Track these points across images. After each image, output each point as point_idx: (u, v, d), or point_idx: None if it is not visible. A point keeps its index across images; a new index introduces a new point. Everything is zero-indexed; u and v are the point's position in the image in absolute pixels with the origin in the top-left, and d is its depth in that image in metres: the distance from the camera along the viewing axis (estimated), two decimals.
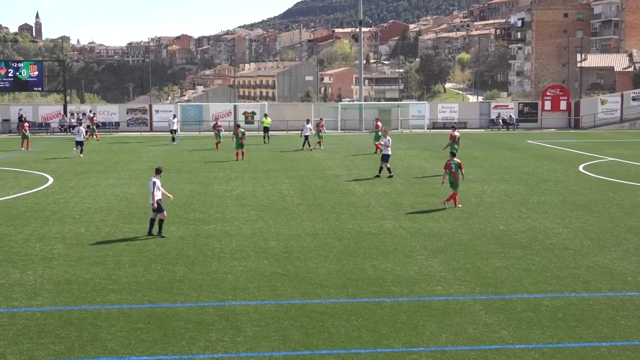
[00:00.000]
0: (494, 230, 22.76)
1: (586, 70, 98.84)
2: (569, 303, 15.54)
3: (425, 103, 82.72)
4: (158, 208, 21.61)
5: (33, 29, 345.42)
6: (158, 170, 22.21)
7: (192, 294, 16.19)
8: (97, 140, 58.31)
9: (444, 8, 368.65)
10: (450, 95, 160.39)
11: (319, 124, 53.08)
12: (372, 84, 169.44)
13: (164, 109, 73.33)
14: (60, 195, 30.03)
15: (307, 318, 14.57)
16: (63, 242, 21.35)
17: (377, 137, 43.82)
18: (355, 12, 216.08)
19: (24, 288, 16.69)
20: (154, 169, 22.53)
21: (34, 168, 38.57)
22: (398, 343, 13.31)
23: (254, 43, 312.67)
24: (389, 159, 35.26)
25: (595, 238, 21.72)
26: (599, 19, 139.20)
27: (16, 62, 77.59)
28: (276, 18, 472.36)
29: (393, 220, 24.45)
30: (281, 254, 19.78)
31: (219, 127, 53.29)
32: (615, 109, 72.24)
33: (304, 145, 49.58)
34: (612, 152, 46.59)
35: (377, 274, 17.80)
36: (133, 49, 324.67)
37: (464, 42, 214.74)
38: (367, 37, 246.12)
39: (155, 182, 21.55)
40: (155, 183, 21.53)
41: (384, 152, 35.28)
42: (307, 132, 49.99)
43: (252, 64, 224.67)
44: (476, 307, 15.25)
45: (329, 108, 75.30)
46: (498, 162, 40.44)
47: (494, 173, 36.12)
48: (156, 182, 21.55)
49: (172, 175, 35.90)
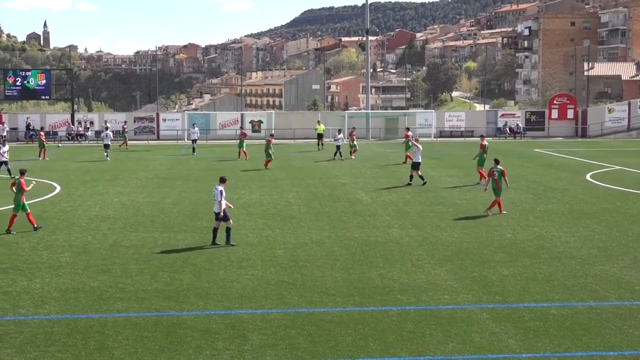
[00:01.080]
0: (501, 239, 22.71)
1: (593, 79, 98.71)
2: (577, 312, 15.50)
3: (432, 112, 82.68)
4: (224, 217, 21.69)
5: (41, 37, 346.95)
6: (223, 179, 22.36)
7: (199, 302, 16.19)
8: (125, 148, 57.79)
9: (450, 17, 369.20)
10: (457, 104, 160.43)
11: (352, 133, 51.86)
12: (379, 92, 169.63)
13: (171, 118, 73.44)
14: (67, 203, 30.09)
15: (314, 326, 14.55)
16: (70, 250, 21.38)
17: (408, 146, 43.48)
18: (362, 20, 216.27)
19: (31, 296, 16.71)
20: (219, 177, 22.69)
21: (42, 176, 38.61)
22: (405, 352, 13.28)
23: (261, 52, 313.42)
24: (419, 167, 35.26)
25: (602, 247, 21.66)
26: (606, 28, 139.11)
27: (24, 70, 77.87)
28: (283, 27, 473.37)
29: (400, 228, 24.42)
30: (288, 263, 19.77)
31: (243, 134, 51.83)
32: (622, 118, 72.10)
33: (335, 155, 48.12)
34: (620, 161, 46.49)
35: (383, 282, 17.77)
36: (140, 57, 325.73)
37: (471, 50, 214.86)
38: (374, 45, 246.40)
39: (222, 190, 21.69)
40: (222, 192, 21.67)
41: (415, 160, 35.18)
42: (339, 142, 48.50)
43: (259, 72, 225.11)
44: (483, 316, 15.21)
45: (335, 116, 75.30)
46: (505, 171, 40.28)
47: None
48: (222, 191, 21.68)
49: (179, 184, 35.95)
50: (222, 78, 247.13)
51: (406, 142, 44.99)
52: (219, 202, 21.57)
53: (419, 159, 35.05)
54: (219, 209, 21.59)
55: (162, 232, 23.84)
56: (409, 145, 43.28)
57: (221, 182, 22.14)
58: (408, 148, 43.44)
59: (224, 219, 21.73)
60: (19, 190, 24.10)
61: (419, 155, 35.08)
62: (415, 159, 35.11)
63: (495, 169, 27.28)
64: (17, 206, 24.12)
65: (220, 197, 21.59)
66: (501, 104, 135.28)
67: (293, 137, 67.32)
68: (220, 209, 21.56)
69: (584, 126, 72.06)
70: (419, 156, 35.14)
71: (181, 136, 68.77)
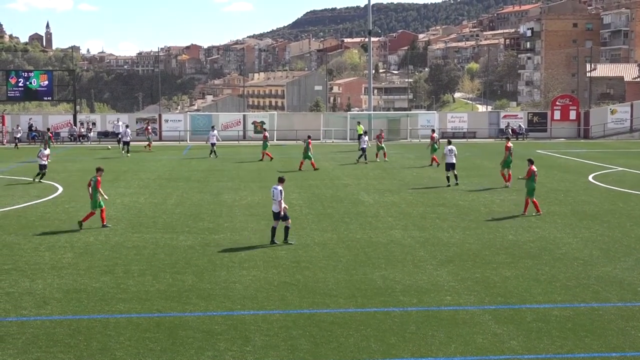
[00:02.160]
0: (503, 240, 22.71)
1: (596, 80, 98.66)
2: (579, 313, 15.49)
3: (435, 113, 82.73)
4: (284, 216, 21.92)
5: (43, 38, 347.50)
6: (282, 179, 22.50)
7: (201, 304, 16.19)
8: (149, 150, 57.70)
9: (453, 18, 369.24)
10: (460, 105, 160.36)
11: (379, 135, 50.40)
12: (381, 93, 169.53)
13: (173, 119, 73.53)
14: (69, 204, 30.11)
15: (316, 328, 14.56)
16: (72, 251, 21.39)
17: (434, 149, 43.04)
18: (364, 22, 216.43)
19: (33, 297, 16.72)
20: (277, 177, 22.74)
21: (44, 177, 38.64)
22: (407, 353, 13.28)
23: (263, 53, 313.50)
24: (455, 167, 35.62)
25: (604, 248, 21.64)
26: (608, 29, 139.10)
27: (26, 71, 78.01)
28: (285, 28, 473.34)
29: (402, 230, 24.42)
30: (290, 264, 19.77)
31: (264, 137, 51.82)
32: (625, 119, 72.08)
33: (359, 158, 46.90)
34: (622, 162, 46.47)
35: (386, 283, 17.77)
36: (143, 58, 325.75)
37: (473, 51, 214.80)
38: (376, 46, 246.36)
39: (281, 190, 21.87)
40: (281, 191, 21.85)
41: (448, 160, 35.32)
42: (364, 145, 47.14)
43: (261, 73, 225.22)
44: (485, 317, 15.21)
45: (338, 118, 75.34)
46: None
47: (503, 183, 36.01)
48: (282, 191, 21.89)
49: (181, 185, 35.98)
50: (224, 79, 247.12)
51: (432, 144, 44.27)
52: (279, 202, 21.80)
53: (452, 160, 35.20)
54: (279, 209, 21.87)
55: (164, 233, 23.85)
56: (435, 147, 42.86)
57: (280, 182, 22.34)
58: (434, 150, 42.85)
59: (284, 218, 22.02)
60: (95, 187, 24.75)
61: (452, 156, 35.24)
62: (448, 160, 35.27)
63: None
64: (95, 203, 24.89)
65: (280, 196, 21.81)
66: (503, 105, 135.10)
67: (295, 138, 67.31)
68: (280, 208, 21.84)
69: (587, 127, 72.04)
70: (453, 157, 35.26)
71: (183, 137, 68.84)
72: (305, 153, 43.16)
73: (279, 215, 21.92)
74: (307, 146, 43.50)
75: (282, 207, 21.80)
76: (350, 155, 52.70)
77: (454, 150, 35.41)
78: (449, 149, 35.43)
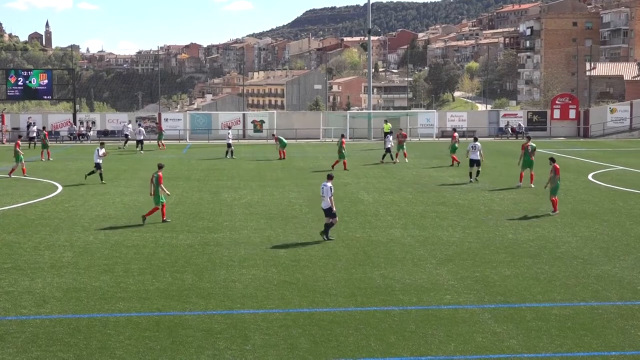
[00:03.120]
0: (503, 239, 22.71)
1: (595, 79, 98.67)
2: (578, 312, 15.49)
3: (434, 112, 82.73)
4: (333, 213, 22.42)
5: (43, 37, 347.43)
6: (330, 176, 23.12)
7: (201, 302, 16.20)
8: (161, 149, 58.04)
9: (452, 17, 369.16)
10: (459, 104, 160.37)
11: (399, 134, 48.38)
12: (381, 92, 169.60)
13: (173, 117, 73.50)
14: (69, 203, 30.11)
15: (315, 327, 14.56)
16: (72, 250, 21.39)
17: (454, 148, 42.65)
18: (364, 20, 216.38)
19: (33, 296, 16.72)
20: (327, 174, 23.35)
21: (43, 176, 38.68)
22: (406, 352, 13.28)
23: (263, 52, 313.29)
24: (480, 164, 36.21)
25: (604, 247, 21.65)
26: (608, 28, 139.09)
27: (26, 70, 77.86)
28: (285, 27, 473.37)
29: (402, 228, 24.43)
30: (290, 263, 19.77)
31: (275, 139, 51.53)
32: (624, 118, 72.06)
33: (383, 158, 45.86)
34: (622, 161, 46.48)
35: (385, 282, 17.77)
36: (142, 57, 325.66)
37: (473, 50, 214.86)
38: (376, 45, 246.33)
39: (331, 187, 22.35)
40: (331, 188, 22.33)
41: (472, 157, 35.82)
42: (389, 144, 46.12)
43: (261, 72, 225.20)
44: (485, 316, 15.21)
45: (337, 117, 75.33)
46: (507, 171, 40.34)
47: (503, 181, 36.04)
48: (332, 187, 22.41)
49: (180, 184, 35.98)
50: (223, 78, 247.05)
51: (452, 144, 43.40)
52: (330, 199, 22.20)
53: (476, 157, 35.68)
54: (328, 205, 22.29)
55: (164, 232, 23.85)
56: (455, 147, 42.47)
57: (329, 179, 22.84)
58: (454, 150, 42.53)
59: (332, 215, 22.44)
60: (157, 183, 25.39)
61: (477, 153, 35.69)
62: (473, 157, 35.77)
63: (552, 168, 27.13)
64: (158, 199, 25.53)
65: (330, 193, 22.28)
66: (503, 104, 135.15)
67: (295, 137, 67.31)
68: (331, 204, 22.25)
69: (586, 126, 72.02)
70: (477, 153, 35.70)
71: (183, 136, 68.81)
72: (340, 152, 42.56)
73: (328, 211, 22.42)
74: (341, 145, 42.93)
75: (332, 204, 22.31)
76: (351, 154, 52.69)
77: (478, 146, 35.84)
78: (472, 145, 35.99)
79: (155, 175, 25.51)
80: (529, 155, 33.94)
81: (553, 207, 27.02)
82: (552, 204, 27.09)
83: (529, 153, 34.06)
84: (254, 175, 39.81)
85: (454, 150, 42.90)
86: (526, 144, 34.44)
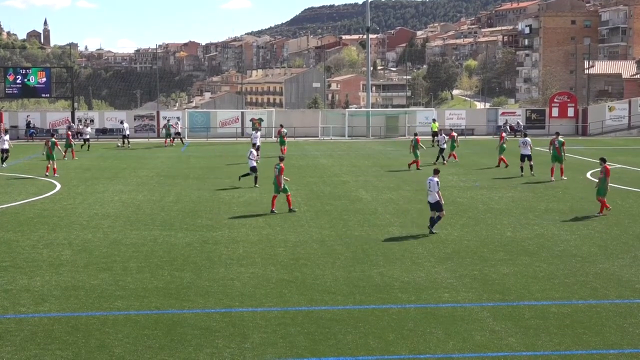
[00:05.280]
0: (502, 237, 22.71)
1: (594, 77, 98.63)
2: (577, 310, 15.50)
3: (433, 110, 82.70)
4: (440, 206, 22.92)
5: (41, 35, 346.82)
6: (437, 170, 23.69)
7: (199, 301, 16.19)
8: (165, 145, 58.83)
9: (451, 15, 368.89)
10: (458, 102, 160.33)
11: (450, 134, 46.11)
12: (380, 90, 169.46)
13: (171, 116, 73.44)
14: (67, 201, 30.09)
15: (314, 325, 14.56)
16: (70, 248, 21.38)
17: (502, 149, 41.57)
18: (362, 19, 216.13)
19: (32, 294, 16.72)
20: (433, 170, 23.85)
21: (42, 174, 38.64)
22: (405, 350, 13.28)
23: (262, 50, 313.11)
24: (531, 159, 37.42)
25: (603, 245, 21.65)
26: (606, 26, 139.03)
27: (24, 68, 77.73)
28: (283, 25, 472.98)
29: (400, 227, 24.42)
30: (288, 261, 19.77)
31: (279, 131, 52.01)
32: (623, 116, 72.07)
33: (437, 159, 43.66)
34: (620, 159, 46.48)
35: (384, 280, 17.77)
36: (141, 55, 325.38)
37: (471, 48, 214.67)
38: (375, 43, 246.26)
39: (437, 181, 22.89)
40: (438, 182, 22.88)
41: (523, 152, 37.22)
42: (443, 144, 44.31)
43: (259, 70, 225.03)
44: (484, 314, 15.21)
45: (336, 115, 75.34)
46: (505, 169, 40.34)
47: (502, 180, 36.05)
48: (439, 182, 22.97)
49: (179, 182, 35.97)
50: (222, 76, 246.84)
51: (501, 145, 42.05)
52: (437, 193, 22.81)
53: (527, 152, 37.10)
54: (435, 199, 22.82)
55: (163, 230, 23.84)
56: (504, 148, 41.71)
57: (435, 173, 23.40)
58: (503, 151, 41.61)
59: (439, 209, 22.90)
60: (280, 174, 27.02)
61: (527, 148, 37.17)
62: (523, 152, 37.18)
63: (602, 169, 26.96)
64: (277, 188, 27.12)
65: (437, 187, 22.85)
66: (502, 102, 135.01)
67: (294, 135, 67.28)
68: (439, 198, 22.77)
69: (585, 124, 72.03)
70: (528, 148, 37.20)
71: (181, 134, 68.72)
72: (415, 151, 41.32)
73: (435, 205, 22.87)
74: (416, 144, 41.75)
75: (439, 197, 22.82)
76: (350, 152, 52.72)
77: (528, 142, 37.36)
78: (522, 141, 37.55)
79: (278, 167, 27.15)
80: (557, 149, 35.62)
81: (600, 208, 26.65)
82: (600, 205, 26.72)
83: (557, 148, 35.74)
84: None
85: (502, 151, 41.78)
86: (554, 139, 36.33)
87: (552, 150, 36.13)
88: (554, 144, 35.91)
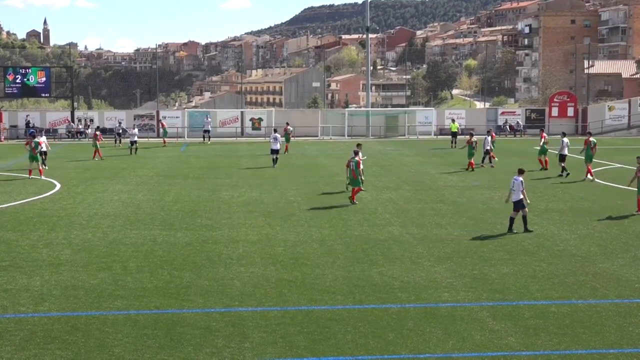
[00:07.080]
0: (501, 237, 22.71)
1: (593, 77, 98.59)
2: (576, 310, 15.50)
3: (432, 109, 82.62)
4: (523, 205, 23.15)
5: (41, 35, 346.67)
6: (521, 170, 23.87)
7: (199, 300, 16.19)
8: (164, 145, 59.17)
9: (451, 14, 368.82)
10: (457, 102, 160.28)
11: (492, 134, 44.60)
12: (379, 90, 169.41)
13: (171, 115, 73.43)
14: (67, 201, 30.09)
15: (313, 324, 14.56)
16: (70, 247, 21.38)
17: (543, 150, 40.94)
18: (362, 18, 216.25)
19: (31, 293, 16.71)
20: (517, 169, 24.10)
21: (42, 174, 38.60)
22: (405, 349, 13.28)
23: (261, 49, 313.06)
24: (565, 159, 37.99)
25: (602, 245, 21.66)
26: (606, 26, 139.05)
27: (24, 68, 77.74)
28: (283, 24, 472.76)
29: (400, 226, 24.42)
30: (288, 260, 19.77)
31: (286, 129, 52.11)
32: (622, 116, 72.05)
33: (483, 161, 43.00)
34: (620, 159, 46.51)
35: (383, 280, 17.77)
36: (140, 55, 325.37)
37: (471, 48, 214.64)
38: (374, 43, 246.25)
39: (522, 180, 23.25)
40: (522, 182, 23.24)
41: (562, 152, 37.88)
42: (488, 146, 42.68)
43: (259, 70, 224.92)
44: (483, 314, 15.21)
45: (336, 114, 75.33)
46: (505, 169, 40.31)
47: (501, 179, 36.03)
48: (523, 181, 23.17)
49: (178, 182, 35.96)
50: (222, 76, 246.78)
51: (542, 146, 41.43)
52: (522, 192, 23.10)
53: (564, 152, 37.94)
54: (519, 198, 23.03)
55: (162, 230, 23.84)
56: (545, 149, 41.11)
57: (520, 173, 23.60)
58: (544, 152, 40.90)
59: (522, 207, 23.18)
60: (357, 168, 28.39)
61: (565, 149, 37.94)
62: (562, 152, 37.96)
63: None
64: (356, 181, 28.64)
65: (522, 187, 23.13)
66: (501, 101, 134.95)
67: (293, 134, 67.12)
68: (523, 196, 23.14)
69: (584, 124, 71.95)
70: (565, 149, 37.99)
71: (181, 134, 68.73)
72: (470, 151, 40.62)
73: (518, 204, 23.17)
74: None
75: (523, 196, 23.08)
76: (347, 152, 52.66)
77: (565, 142, 38.22)
78: (566, 142, 38.29)
79: (354, 161, 28.47)
80: (591, 149, 36.46)
81: (638, 206, 26.71)
82: (638, 203, 26.77)
83: (591, 148, 36.59)
84: (252, 173, 39.78)
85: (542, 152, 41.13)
86: (588, 138, 37.26)
87: (586, 150, 36.71)
88: (589, 144, 36.53)
